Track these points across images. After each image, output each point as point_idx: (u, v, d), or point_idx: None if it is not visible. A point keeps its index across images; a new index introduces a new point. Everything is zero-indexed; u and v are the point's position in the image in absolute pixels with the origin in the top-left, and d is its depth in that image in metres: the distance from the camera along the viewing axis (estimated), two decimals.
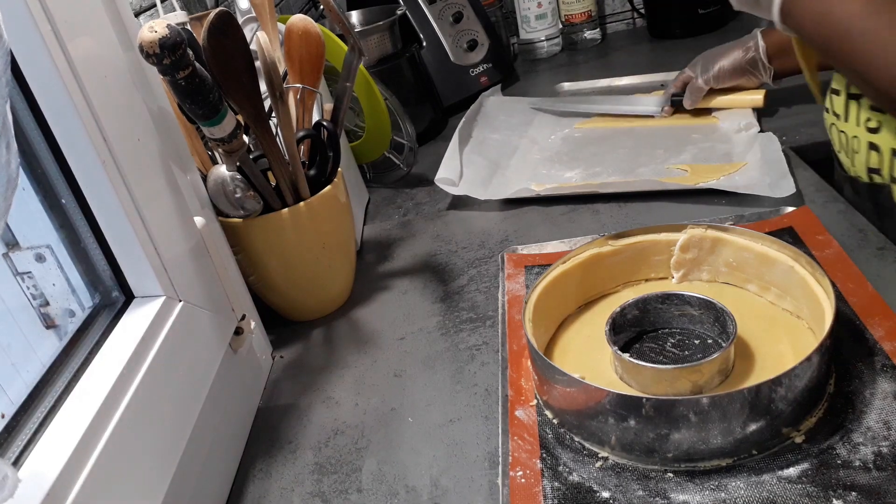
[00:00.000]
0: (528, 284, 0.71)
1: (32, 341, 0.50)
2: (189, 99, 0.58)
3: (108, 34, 0.54)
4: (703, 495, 0.47)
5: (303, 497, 0.56)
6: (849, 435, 0.49)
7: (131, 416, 0.46)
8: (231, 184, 0.67)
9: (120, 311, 0.54)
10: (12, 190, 0.33)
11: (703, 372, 0.52)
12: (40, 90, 0.48)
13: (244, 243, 0.72)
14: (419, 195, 1.00)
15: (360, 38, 1.00)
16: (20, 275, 0.52)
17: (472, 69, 1.25)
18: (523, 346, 0.62)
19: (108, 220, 0.52)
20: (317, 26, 0.74)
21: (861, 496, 0.44)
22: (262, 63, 0.66)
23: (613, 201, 0.85)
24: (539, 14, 1.41)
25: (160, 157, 0.58)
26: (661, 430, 0.48)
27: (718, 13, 1.34)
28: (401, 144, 1.02)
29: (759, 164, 0.84)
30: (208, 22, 0.58)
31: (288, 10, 1.26)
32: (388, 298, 0.79)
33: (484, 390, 0.62)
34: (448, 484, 0.53)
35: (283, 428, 0.63)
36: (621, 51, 1.40)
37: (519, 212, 0.89)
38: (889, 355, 0.54)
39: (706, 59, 0.97)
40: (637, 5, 1.46)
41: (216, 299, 0.62)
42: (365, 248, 0.90)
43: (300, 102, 0.75)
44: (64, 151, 0.50)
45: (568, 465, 0.51)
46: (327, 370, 0.69)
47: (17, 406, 0.45)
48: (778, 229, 0.71)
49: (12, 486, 0.33)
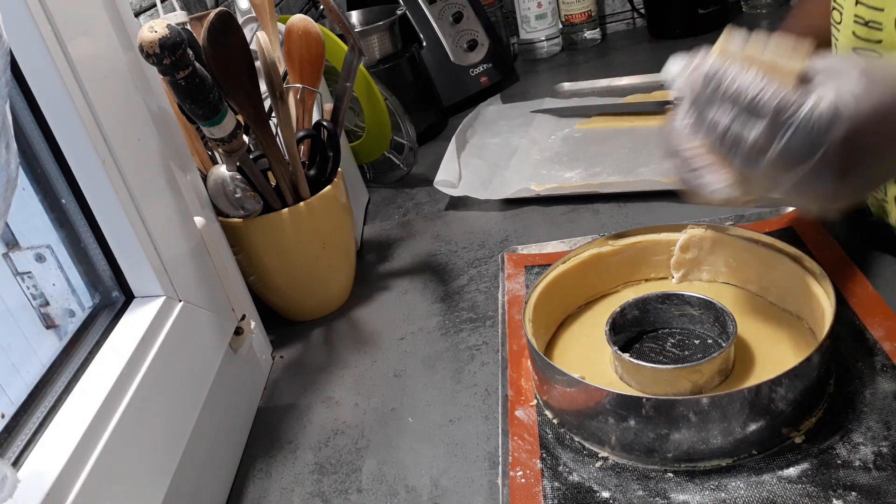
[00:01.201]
0: (528, 284, 0.71)
1: (32, 341, 0.50)
2: (189, 99, 0.58)
3: (108, 34, 0.54)
4: (703, 495, 0.47)
5: (303, 497, 0.56)
6: (849, 435, 0.49)
7: (131, 416, 0.46)
8: (231, 184, 0.67)
9: (120, 311, 0.54)
10: (12, 190, 0.33)
11: (703, 372, 0.52)
12: (40, 90, 0.48)
13: (244, 243, 0.72)
14: (419, 195, 1.00)
15: (360, 38, 1.00)
16: (20, 275, 0.52)
17: (472, 69, 1.25)
18: (523, 346, 0.62)
19: (108, 220, 0.52)
20: (317, 26, 0.74)
21: (861, 496, 0.44)
22: (262, 63, 0.66)
23: (613, 201, 0.85)
24: (539, 14, 1.41)
25: (160, 157, 0.58)
26: (661, 430, 0.48)
27: (718, 13, 1.33)
28: (401, 144, 1.02)
29: None
30: (208, 22, 0.58)
31: (288, 10, 1.26)
32: (388, 298, 0.79)
33: (484, 390, 0.62)
34: (448, 484, 0.53)
35: (283, 428, 0.63)
36: (621, 51, 1.40)
37: (519, 212, 0.89)
38: (889, 355, 0.54)
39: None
40: (637, 5, 1.46)
41: (216, 299, 0.62)
42: (365, 248, 0.90)
43: (300, 102, 0.75)
44: (64, 151, 0.50)
45: (568, 465, 0.51)
46: (327, 370, 0.69)
47: (17, 406, 0.44)
48: (778, 229, 0.71)
49: (12, 486, 0.33)
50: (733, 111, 0.40)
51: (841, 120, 0.38)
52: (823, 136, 0.38)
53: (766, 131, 0.39)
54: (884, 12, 0.52)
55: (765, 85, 0.39)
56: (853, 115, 0.38)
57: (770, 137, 0.39)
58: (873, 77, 0.39)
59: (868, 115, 0.38)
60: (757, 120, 0.40)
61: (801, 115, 0.38)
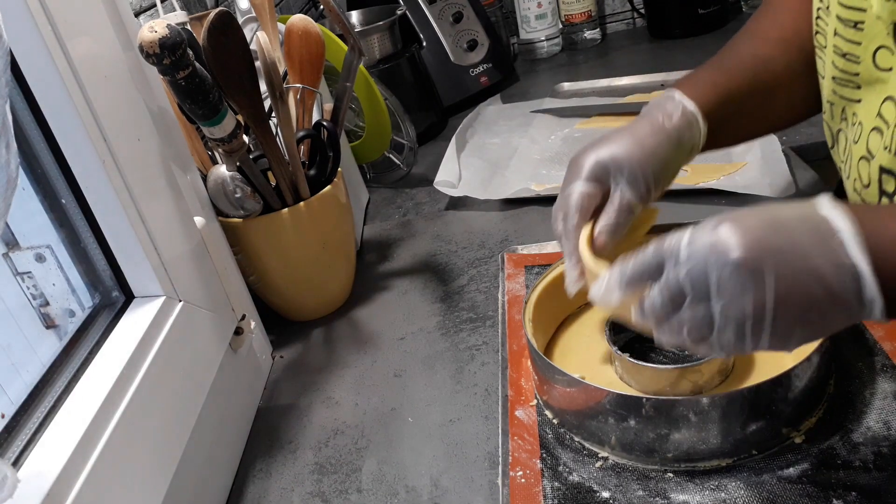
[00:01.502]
0: (528, 284, 0.71)
1: (32, 341, 0.50)
2: (189, 99, 0.58)
3: (108, 34, 0.54)
4: (703, 495, 0.47)
5: (303, 497, 0.56)
6: (849, 435, 0.49)
7: (131, 416, 0.46)
8: (231, 184, 0.67)
9: (120, 311, 0.54)
10: (12, 190, 0.33)
11: (703, 372, 0.52)
12: (40, 90, 0.48)
13: (244, 243, 0.72)
14: (419, 195, 1.00)
15: (360, 38, 1.00)
16: (20, 275, 0.52)
17: (472, 69, 1.25)
18: (523, 346, 0.62)
19: (108, 220, 0.52)
20: (317, 26, 0.74)
21: (861, 496, 0.44)
22: (262, 63, 0.66)
23: None
24: (539, 14, 1.41)
25: (160, 157, 0.58)
26: (661, 430, 0.48)
27: (718, 13, 1.33)
28: (401, 144, 1.02)
29: (758, 164, 0.84)
30: (208, 22, 0.58)
31: (288, 10, 1.26)
32: (388, 298, 0.79)
33: (484, 390, 0.62)
34: (448, 484, 0.53)
35: (283, 428, 0.63)
36: (621, 51, 1.40)
37: (519, 212, 0.89)
38: (889, 355, 0.54)
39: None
40: (637, 5, 1.46)
41: (216, 299, 0.62)
42: (365, 248, 0.90)
43: (300, 102, 0.75)
44: (64, 151, 0.50)
45: (568, 465, 0.51)
46: (327, 370, 0.69)
47: (17, 406, 0.45)
48: None
49: (12, 486, 0.33)
50: (658, 295, 0.41)
51: (721, 242, 0.38)
52: (708, 261, 0.38)
53: (673, 288, 0.40)
54: (861, 46, 0.50)
55: (641, 254, 0.41)
56: (730, 238, 0.38)
57: (677, 287, 0.40)
58: (733, 215, 0.39)
59: (751, 237, 0.38)
60: (663, 285, 0.40)
61: (682, 250, 0.39)
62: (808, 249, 0.37)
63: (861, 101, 0.52)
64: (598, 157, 0.52)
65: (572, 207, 0.52)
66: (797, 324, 0.38)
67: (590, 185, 0.52)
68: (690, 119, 0.55)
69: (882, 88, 0.50)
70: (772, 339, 0.38)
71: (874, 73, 0.50)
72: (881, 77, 0.49)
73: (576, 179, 0.53)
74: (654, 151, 0.53)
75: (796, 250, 0.37)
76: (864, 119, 0.52)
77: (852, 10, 0.50)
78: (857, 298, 0.37)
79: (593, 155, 0.53)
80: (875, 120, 0.50)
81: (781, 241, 0.38)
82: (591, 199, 0.52)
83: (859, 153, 0.52)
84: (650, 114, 0.56)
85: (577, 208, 0.52)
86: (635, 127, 0.54)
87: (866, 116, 0.52)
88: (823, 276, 0.37)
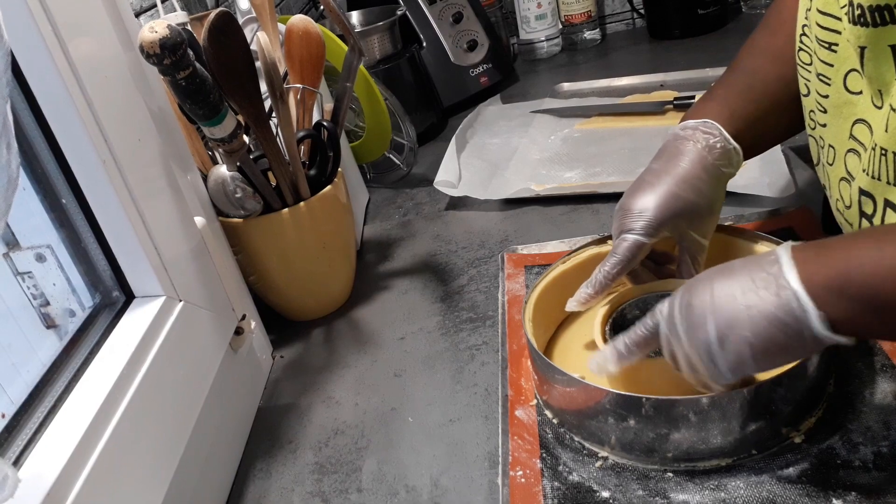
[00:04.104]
0: (528, 284, 0.71)
1: (33, 341, 0.51)
2: (189, 99, 0.58)
3: (109, 34, 0.54)
4: (703, 495, 0.47)
5: (303, 497, 0.56)
6: (849, 435, 0.49)
7: (131, 416, 0.46)
8: (231, 184, 0.67)
9: (120, 311, 0.54)
10: (13, 190, 0.33)
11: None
12: (40, 90, 0.48)
13: (244, 243, 0.72)
14: (419, 195, 1.00)
15: (361, 38, 1.00)
16: (20, 275, 0.52)
17: (472, 69, 1.26)
18: (523, 346, 0.62)
19: (108, 220, 0.52)
20: (317, 26, 0.74)
21: (861, 496, 0.44)
22: (263, 63, 0.66)
23: (613, 201, 0.84)
24: (539, 14, 1.41)
25: (160, 157, 0.58)
26: (661, 430, 0.48)
27: (718, 13, 1.33)
28: (401, 144, 1.02)
29: (758, 164, 0.84)
30: (209, 22, 0.58)
31: (288, 11, 1.26)
32: (388, 298, 0.79)
33: (484, 390, 0.62)
34: (448, 484, 0.54)
35: (283, 428, 0.63)
36: (621, 51, 1.40)
37: (519, 212, 0.89)
38: (889, 355, 0.54)
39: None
40: (637, 5, 1.46)
41: (216, 299, 0.62)
42: (365, 248, 0.90)
43: (300, 102, 0.75)
44: (64, 151, 0.50)
45: (568, 465, 0.51)
46: (327, 370, 0.69)
47: (18, 406, 0.45)
48: (778, 229, 0.71)
49: (12, 486, 0.33)
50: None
51: (692, 306, 0.44)
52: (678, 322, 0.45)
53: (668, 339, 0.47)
54: (833, 68, 0.50)
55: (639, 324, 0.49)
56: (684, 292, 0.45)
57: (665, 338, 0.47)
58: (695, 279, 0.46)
59: (699, 284, 0.45)
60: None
61: (663, 317, 0.47)
62: (751, 274, 0.43)
63: (826, 125, 0.52)
64: (660, 217, 0.56)
65: (621, 254, 0.56)
66: (745, 344, 0.42)
67: (647, 239, 0.56)
68: (732, 157, 0.59)
69: (850, 111, 0.49)
70: (730, 362, 0.43)
71: (843, 96, 0.49)
72: (850, 100, 0.49)
73: (631, 232, 0.56)
74: (711, 207, 0.58)
75: (737, 278, 0.43)
76: (833, 142, 0.52)
77: (828, 31, 0.50)
78: (792, 313, 0.40)
79: (657, 211, 0.56)
80: (848, 142, 0.50)
81: (724, 275, 0.44)
82: (643, 252, 0.57)
83: (838, 174, 0.52)
84: (703, 159, 0.58)
85: (624, 257, 0.56)
86: (690, 173, 0.57)
87: (835, 139, 0.51)
88: (759, 290, 0.42)
